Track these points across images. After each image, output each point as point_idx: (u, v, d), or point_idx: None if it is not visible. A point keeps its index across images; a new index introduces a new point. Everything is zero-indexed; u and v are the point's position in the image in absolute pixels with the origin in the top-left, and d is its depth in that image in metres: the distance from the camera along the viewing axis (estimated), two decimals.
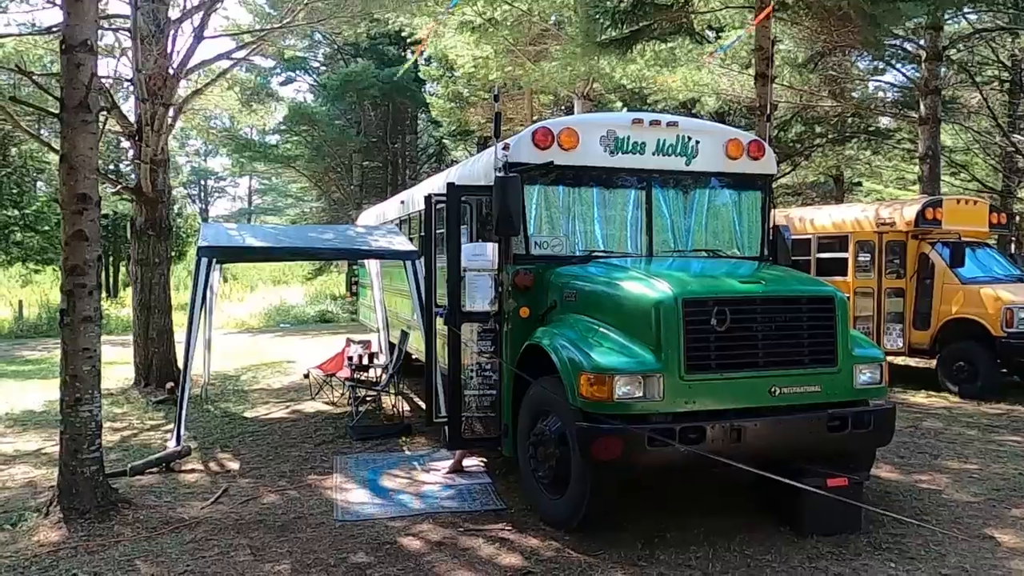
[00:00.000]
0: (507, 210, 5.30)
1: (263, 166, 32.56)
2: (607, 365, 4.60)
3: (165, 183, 10.86)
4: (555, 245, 5.84)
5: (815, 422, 4.85)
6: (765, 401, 4.78)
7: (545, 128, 5.78)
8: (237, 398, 10.13)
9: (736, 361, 4.74)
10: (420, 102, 28.51)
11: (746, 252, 6.36)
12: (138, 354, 10.84)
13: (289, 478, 6.32)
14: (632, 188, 6.06)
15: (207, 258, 7.18)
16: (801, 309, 4.92)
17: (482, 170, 6.46)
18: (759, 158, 6.29)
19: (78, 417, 5.18)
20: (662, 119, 6.09)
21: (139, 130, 10.16)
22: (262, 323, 22.22)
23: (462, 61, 15.60)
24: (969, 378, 9.89)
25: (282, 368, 12.86)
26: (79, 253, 5.14)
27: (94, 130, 5.13)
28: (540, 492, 5.20)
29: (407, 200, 9.89)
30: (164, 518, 5.29)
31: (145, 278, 10.76)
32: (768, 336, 4.80)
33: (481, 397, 5.90)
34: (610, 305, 5.04)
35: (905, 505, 5.44)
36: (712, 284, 4.99)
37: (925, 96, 15.33)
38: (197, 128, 26.86)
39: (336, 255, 9.76)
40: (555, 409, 5.04)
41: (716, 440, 4.58)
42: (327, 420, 8.57)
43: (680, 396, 4.63)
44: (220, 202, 61.09)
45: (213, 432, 8.06)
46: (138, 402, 9.83)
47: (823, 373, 4.90)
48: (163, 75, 10.15)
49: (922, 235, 10.70)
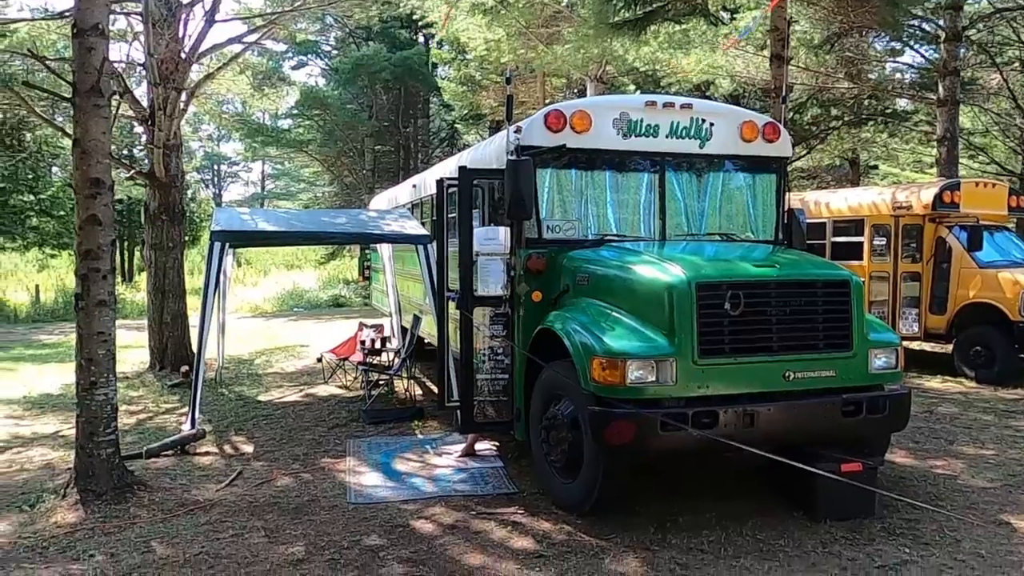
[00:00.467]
0: (519, 194, 5.26)
1: (275, 151, 32.56)
2: (620, 349, 4.58)
3: (178, 167, 10.90)
4: (567, 229, 5.81)
5: (829, 407, 4.81)
6: (779, 386, 4.74)
7: (557, 111, 5.72)
8: (251, 382, 10.20)
9: (750, 345, 4.70)
10: (432, 86, 28.38)
11: (760, 236, 6.30)
12: (153, 338, 10.93)
13: (303, 461, 6.36)
14: (645, 171, 6.01)
15: (220, 242, 7.21)
16: (816, 293, 4.87)
17: (494, 153, 6.43)
18: (774, 140, 6.22)
19: (94, 400, 5.22)
20: (676, 101, 6.03)
21: (152, 115, 10.19)
22: (275, 307, 22.34)
23: (474, 44, 15.49)
24: (986, 363, 9.80)
25: (295, 352, 12.93)
26: (93, 237, 5.17)
27: (106, 114, 5.13)
28: (552, 476, 5.21)
29: (419, 184, 9.87)
30: (179, 500, 5.35)
31: (159, 262, 10.83)
32: (782, 320, 4.76)
33: (493, 381, 5.90)
34: (623, 289, 5.01)
35: (920, 490, 5.41)
36: (726, 268, 4.95)
37: (944, 77, 15.06)
38: (210, 113, 26.92)
39: (349, 239, 9.77)
40: (567, 393, 5.03)
41: (729, 425, 4.56)
42: (340, 404, 8.61)
43: (693, 380, 4.60)
44: (233, 187, 61.29)
45: (227, 415, 8.13)
46: (153, 386, 9.92)
47: (838, 358, 4.86)
48: (175, 59, 10.15)
49: (939, 219, 10.57)
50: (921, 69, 19.02)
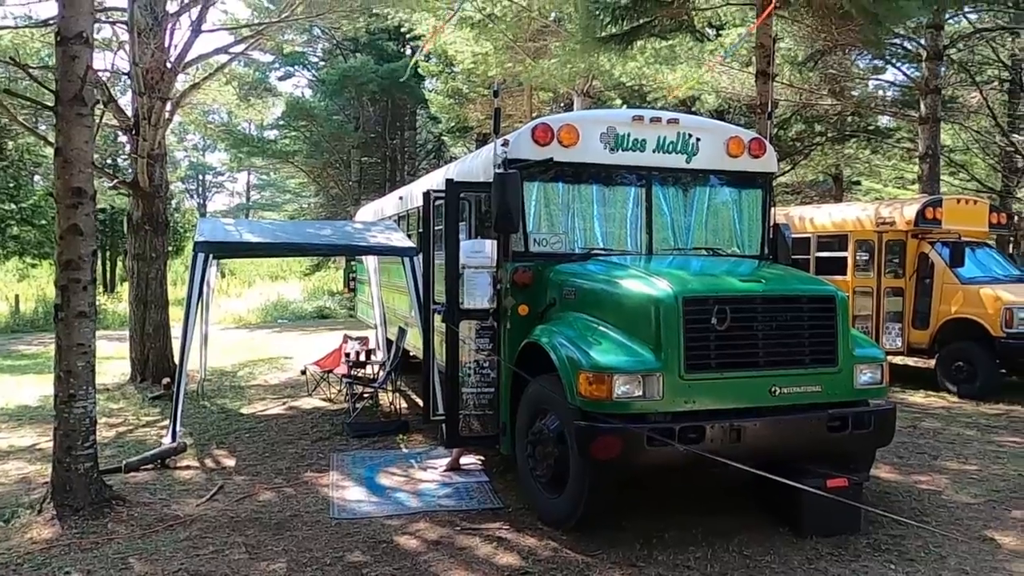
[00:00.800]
0: (506, 207, 5.25)
1: (261, 161, 32.45)
2: (606, 364, 4.57)
3: (162, 177, 10.81)
4: (554, 242, 5.80)
5: (815, 422, 4.81)
6: (765, 401, 4.74)
7: (545, 124, 5.73)
8: (234, 394, 10.09)
9: (736, 360, 4.70)
10: (419, 98, 28.42)
11: (746, 250, 6.33)
12: (134, 349, 10.80)
13: (285, 475, 6.28)
14: (632, 185, 6.02)
15: (204, 253, 7.13)
16: (802, 308, 4.89)
17: (481, 166, 6.42)
18: (760, 156, 6.26)
19: (72, 413, 5.13)
20: (663, 116, 6.05)
21: (136, 124, 10.11)
22: (259, 319, 22.17)
23: (461, 57, 15.53)
24: (968, 378, 9.87)
25: (279, 364, 12.81)
26: (74, 248, 5.09)
27: (89, 123, 5.07)
28: (538, 491, 5.17)
29: (405, 196, 9.84)
30: (159, 515, 5.25)
31: (142, 273, 10.72)
32: (768, 335, 4.77)
33: (479, 395, 5.86)
34: (610, 303, 5.00)
35: (904, 506, 5.42)
36: (712, 283, 4.95)
37: (925, 95, 15.28)
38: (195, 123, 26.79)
39: (334, 251, 9.72)
40: (554, 408, 5.00)
41: (715, 440, 4.55)
42: (324, 417, 8.53)
43: (680, 395, 4.59)
44: (218, 197, 60.98)
45: (209, 428, 8.02)
46: (134, 398, 9.79)
47: (823, 373, 4.87)
48: (160, 69, 10.09)
49: (922, 235, 10.68)
50: (903, 87, 19.25)
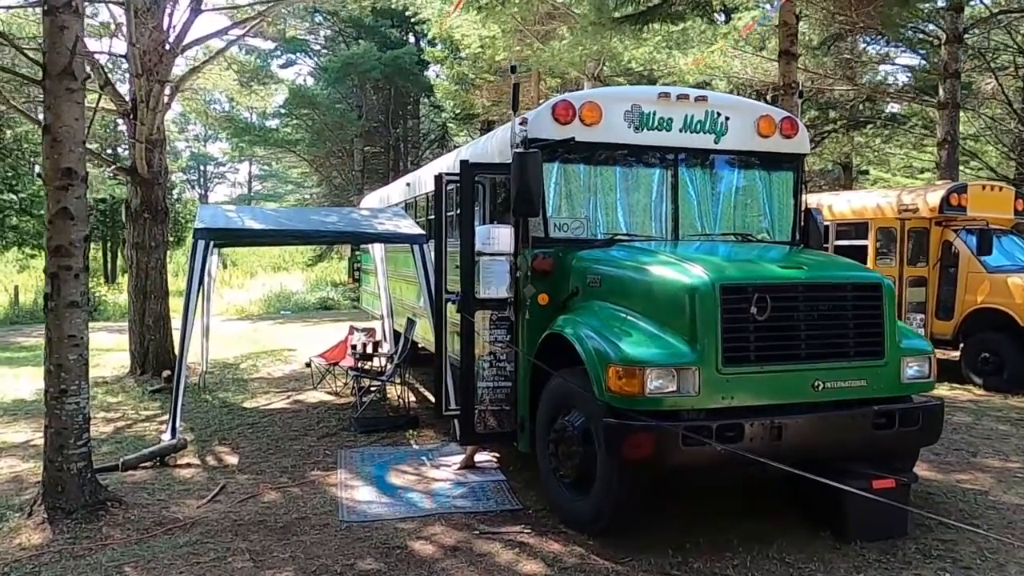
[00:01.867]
0: (527, 188, 4.91)
1: (263, 151, 32.13)
2: (638, 357, 4.23)
3: (161, 163, 10.46)
4: (576, 227, 5.46)
5: (860, 419, 4.49)
6: (807, 396, 4.41)
7: (566, 101, 5.38)
8: (236, 387, 9.78)
9: (777, 353, 4.37)
10: (422, 86, 28.02)
11: (776, 236, 5.99)
12: (133, 341, 10.48)
13: (291, 474, 5.96)
14: (657, 167, 5.68)
15: (204, 241, 6.79)
16: (846, 297, 4.55)
17: (496, 147, 6.08)
18: (792, 136, 5.91)
19: (64, 410, 4.80)
20: (690, 93, 5.70)
21: (134, 108, 9.76)
22: (262, 310, 21.85)
23: (468, 41, 15.13)
24: (995, 370, 9.53)
25: (283, 356, 12.49)
26: (64, 233, 4.76)
27: (80, 99, 4.73)
28: (561, 492, 4.84)
29: (413, 182, 9.49)
30: (157, 518, 4.94)
31: (141, 262, 10.39)
32: (811, 326, 4.43)
33: (495, 389, 5.54)
34: (639, 291, 4.66)
35: (951, 508, 5.08)
36: (751, 269, 4.62)
37: (945, 80, 14.86)
38: (196, 111, 26.46)
39: (340, 238, 9.33)
40: (578, 403, 4.67)
41: (755, 439, 4.22)
42: (330, 411, 8.21)
43: (717, 391, 4.26)
44: (220, 188, 60.52)
45: (211, 423, 7.70)
46: (133, 391, 9.48)
47: (869, 366, 4.54)
48: (159, 50, 9.73)
49: (946, 222, 10.32)
50: (917, 73, 18.86)
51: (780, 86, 9.99)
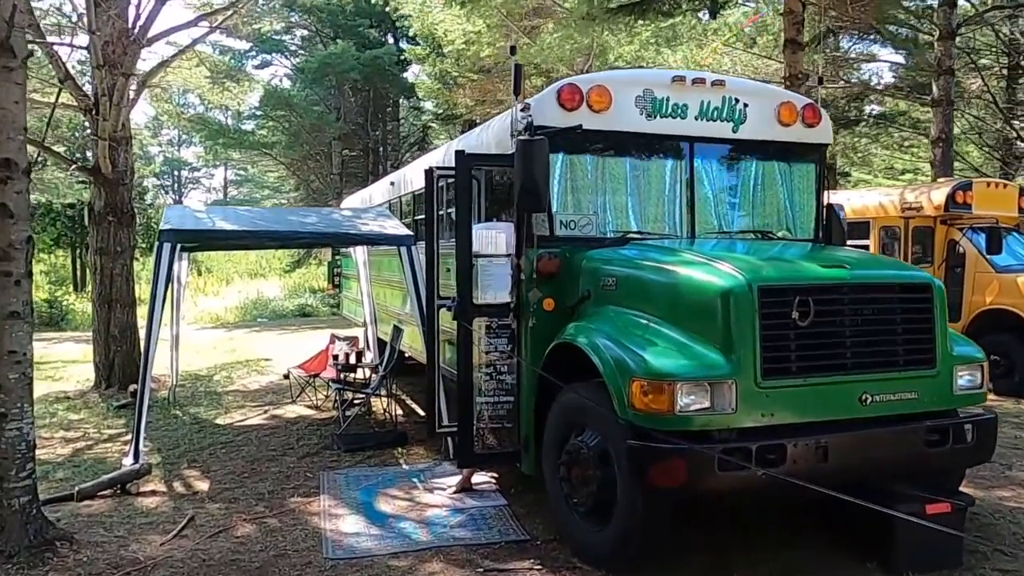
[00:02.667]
0: (532, 181, 4.38)
1: (238, 154, 31.38)
2: (666, 370, 3.71)
3: (127, 163, 9.80)
4: (584, 225, 4.94)
5: (912, 436, 4.00)
6: (854, 411, 3.91)
7: (572, 85, 4.85)
8: (209, 401, 9.12)
9: (821, 363, 3.86)
10: (402, 87, 27.41)
11: (798, 233, 5.51)
12: (98, 353, 9.80)
13: (268, 501, 5.35)
14: (672, 158, 5.17)
15: (170, 243, 6.19)
16: (893, 299, 4.06)
17: (493, 138, 5.55)
18: (815, 125, 5.43)
19: (3, 437, 4.17)
20: (706, 77, 5.20)
21: (96, 103, 9.10)
22: (238, 318, 21.09)
23: (452, 36, 14.59)
24: (1006, 373, 9.14)
25: (259, 367, 11.83)
26: (3, 233, 4.14)
27: (20, 79, 4.12)
28: (575, 521, 4.30)
29: (398, 181, 8.93)
30: (113, 559, 4.31)
31: (106, 269, 9.72)
32: (857, 332, 3.94)
33: (496, 405, 5.00)
34: (662, 295, 4.14)
35: (1003, 531, 4.61)
36: (790, 269, 4.12)
37: (939, 77, 14.55)
38: (168, 113, 25.64)
39: (320, 240, 8.71)
40: (593, 421, 4.14)
41: (799, 460, 3.71)
42: (310, 427, 7.60)
43: (755, 407, 3.74)
44: (194, 193, 59.33)
45: (180, 443, 7.06)
46: (97, 407, 8.80)
47: (920, 376, 4.05)
48: (122, 41, 9.09)
49: (951, 220, 9.97)
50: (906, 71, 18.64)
51: (786, 77, 9.56)
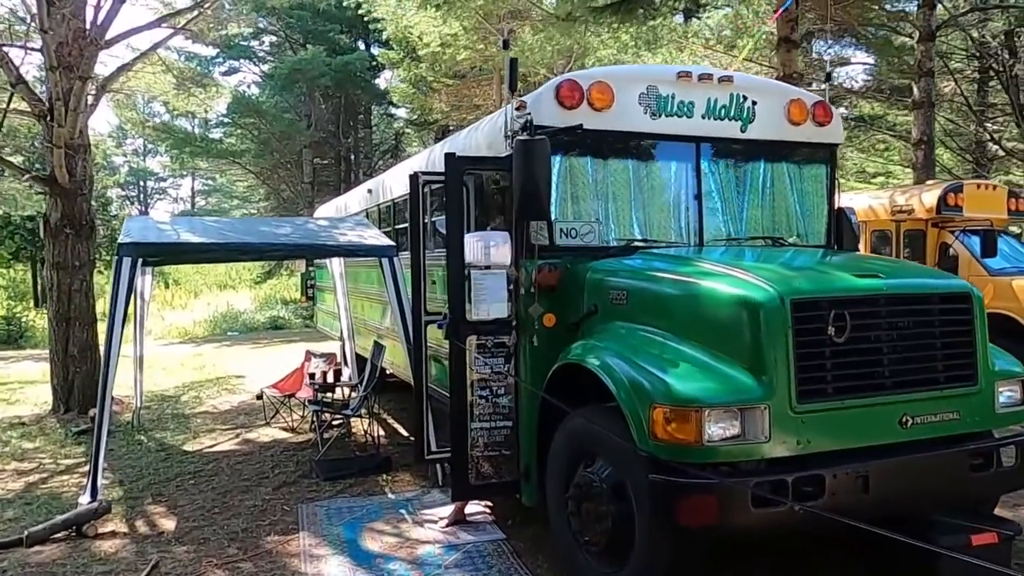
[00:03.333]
0: (533, 184, 3.98)
1: (206, 163, 30.54)
2: (692, 394, 3.31)
3: (85, 172, 9.22)
4: (586, 233, 4.54)
5: (956, 460, 3.65)
6: (894, 435, 3.55)
7: (572, 82, 4.46)
8: (176, 425, 8.55)
9: (858, 383, 3.49)
10: (374, 94, 26.93)
11: (809, 239, 5.19)
12: (56, 374, 9.19)
13: (241, 541, 4.85)
14: (678, 160, 4.80)
15: (131, 258, 5.66)
16: (932, 311, 3.71)
17: (484, 140, 5.14)
18: (826, 124, 5.12)
19: None
20: (713, 73, 4.86)
21: (51, 108, 8.52)
22: (207, 332, 20.38)
23: (428, 39, 14.15)
24: None
25: (230, 385, 11.25)
26: None
27: None
28: (586, 563, 3.87)
29: (376, 188, 8.47)
30: None
31: (63, 284, 9.13)
32: (895, 348, 3.58)
33: (492, 432, 4.57)
34: (681, 310, 3.75)
35: None
36: (822, 279, 3.74)
37: (919, 79, 14.48)
38: (132, 121, 24.85)
39: (296, 253, 8.17)
40: (606, 451, 3.73)
41: (838, 492, 3.33)
42: (286, 452, 7.09)
43: (790, 434, 3.36)
44: (161, 204, 57.91)
45: (144, 473, 6.52)
46: (54, 433, 8.20)
47: (961, 394, 3.70)
48: (79, 43, 8.54)
49: (942, 223, 9.78)
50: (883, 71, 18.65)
51: (780, 77, 9.28)
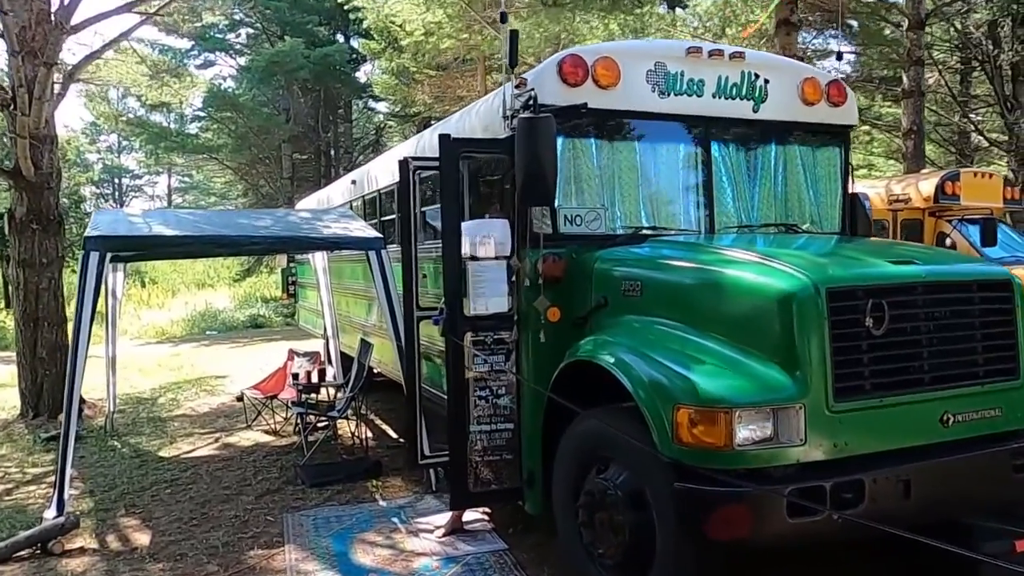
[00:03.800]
0: (539, 167, 3.66)
1: (182, 159, 29.90)
2: (720, 394, 3.01)
3: (52, 164, 8.75)
4: (592, 220, 4.22)
5: (998, 460, 3.38)
6: (935, 434, 3.28)
7: (576, 57, 4.14)
8: (152, 429, 8.14)
9: (897, 379, 3.21)
10: (354, 87, 26.43)
11: (823, 225, 4.90)
12: (24, 377, 8.72)
13: (222, 557, 4.50)
14: (688, 142, 4.50)
15: (99, 252, 5.27)
16: (972, 299, 3.44)
17: (480, 122, 4.81)
18: (840, 104, 4.83)
19: None
20: (724, 49, 4.56)
21: (13, 96, 8.06)
22: (185, 331, 19.84)
23: (411, 27, 13.75)
24: None
25: (209, 386, 10.82)
26: None
27: None
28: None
29: (361, 179, 8.11)
30: None
31: (30, 283, 8.66)
32: (934, 340, 3.30)
33: (492, 434, 4.26)
34: (703, 301, 3.45)
35: None
36: (857, 266, 3.45)
37: (909, 68, 14.36)
38: (105, 116, 24.19)
39: (276, 246, 7.68)
40: (622, 456, 3.43)
41: (879, 498, 3.05)
42: (269, 457, 6.72)
43: (826, 435, 3.07)
44: (136, 201, 56.68)
45: (117, 482, 6.12)
46: (22, 440, 7.77)
47: (1003, 389, 3.44)
48: (43, 27, 8.08)
49: (939, 212, 9.61)
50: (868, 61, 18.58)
51: None
